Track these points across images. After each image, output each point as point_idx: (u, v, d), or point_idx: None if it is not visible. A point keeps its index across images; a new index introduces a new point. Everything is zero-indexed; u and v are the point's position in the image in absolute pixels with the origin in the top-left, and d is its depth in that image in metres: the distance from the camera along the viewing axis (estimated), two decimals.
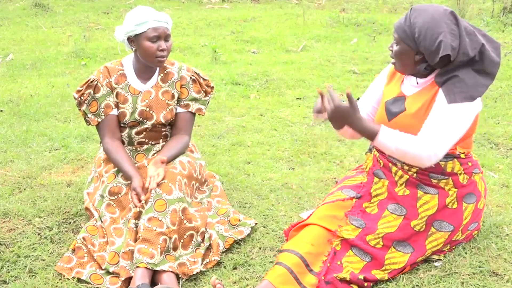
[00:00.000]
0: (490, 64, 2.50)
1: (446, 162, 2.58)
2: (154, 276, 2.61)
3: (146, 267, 2.56)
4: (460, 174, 2.61)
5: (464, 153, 2.62)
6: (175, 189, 2.79)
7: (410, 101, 2.59)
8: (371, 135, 2.47)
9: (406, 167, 2.62)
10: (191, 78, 3.10)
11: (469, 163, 2.64)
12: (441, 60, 2.47)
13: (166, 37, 2.92)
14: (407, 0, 10.08)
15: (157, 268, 2.57)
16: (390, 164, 2.66)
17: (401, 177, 2.63)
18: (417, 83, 2.61)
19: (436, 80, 2.52)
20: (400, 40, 2.53)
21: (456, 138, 2.47)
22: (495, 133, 4.19)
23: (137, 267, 2.57)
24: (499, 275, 2.57)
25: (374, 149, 2.76)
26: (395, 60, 2.59)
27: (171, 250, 2.71)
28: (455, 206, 2.59)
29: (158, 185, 2.76)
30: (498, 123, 4.44)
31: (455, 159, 2.60)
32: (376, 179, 2.70)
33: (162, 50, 2.90)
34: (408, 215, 2.57)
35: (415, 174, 2.61)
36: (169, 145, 3.02)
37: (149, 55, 2.91)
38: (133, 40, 2.93)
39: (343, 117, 2.45)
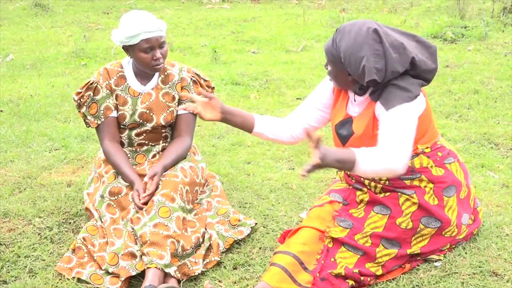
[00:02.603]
0: (424, 72, 2.49)
1: (412, 160, 2.57)
2: None
3: (156, 267, 2.56)
4: (432, 167, 2.60)
5: (428, 147, 2.61)
6: (177, 198, 2.79)
7: (356, 123, 2.59)
8: (350, 165, 2.35)
9: (376, 178, 2.63)
10: (191, 79, 3.09)
11: (439, 153, 2.63)
12: (371, 82, 2.45)
13: (160, 45, 2.88)
14: (407, 0, 10.08)
15: (166, 270, 2.57)
16: (362, 178, 2.67)
17: (375, 187, 2.65)
18: (355, 100, 2.61)
19: (371, 97, 2.52)
20: (330, 63, 2.52)
21: (412, 137, 2.43)
22: (495, 133, 4.19)
23: (148, 267, 2.56)
24: (499, 275, 2.57)
25: None
26: (331, 79, 2.60)
27: (179, 253, 2.71)
28: (436, 202, 2.58)
29: (162, 195, 2.77)
30: (498, 123, 4.43)
31: (421, 155, 2.59)
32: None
33: (156, 59, 2.88)
34: (393, 213, 2.57)
35: (387, 182, 2.61)
36: (170, 150, 2.99)
37: (144, 65, 2.90)
38: (127, 49, 2.92)
39: (327, 162, 2.30)
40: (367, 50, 2.40)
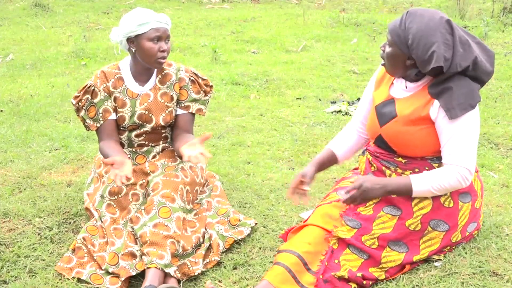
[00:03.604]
0: (483, 73, 2.49)
1: (439, 164, 2.57)
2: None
3: (156, 267, 2.56)
4: None
5: None
6: (177, 199, 2.79)
7: (401, 106, 2.57)
8: (407, 190, 2.50)
9: (399, 170, 2.61)
10: (189, 79, 3.08)
11: None
12: (433, 70, 2.44)
13: (166, 38, 2.91)
14: (407, 0, 10.08)
15: (166, 270, 2.57)
16: (383, 168, 2.65)
17: None
18: (406, 87, 2.59)
19: (430, 91, 2.50)
20: (393, 43, 2.49)
21: (475, 147, 2.50)
22: (495, 133, 4.19)
23: (148, 267, 2.56)
24: (499, 275, 2.57)
25: (367, 152, 2.76)
26: (386, 61, 2.56)
27: (180, 254, 2.71)
28: (451, 204, 2.57)
29: (163, 195, 2.76)
30: (498, 123, 4.44)
31: None
32: None
33: (163, 51, 2.88)
34: (403, 215, 2.55)
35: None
36: (185, 139, 2.91)
37: (149, 55, 2.89)
38: (133, 41, 2.91)
39: (372, 186, 2.49)
40: (439, 37, 2.40)
